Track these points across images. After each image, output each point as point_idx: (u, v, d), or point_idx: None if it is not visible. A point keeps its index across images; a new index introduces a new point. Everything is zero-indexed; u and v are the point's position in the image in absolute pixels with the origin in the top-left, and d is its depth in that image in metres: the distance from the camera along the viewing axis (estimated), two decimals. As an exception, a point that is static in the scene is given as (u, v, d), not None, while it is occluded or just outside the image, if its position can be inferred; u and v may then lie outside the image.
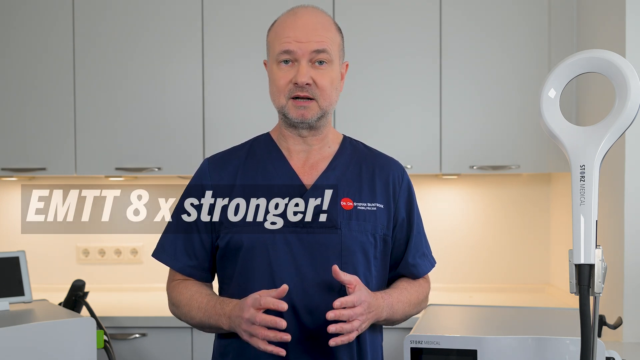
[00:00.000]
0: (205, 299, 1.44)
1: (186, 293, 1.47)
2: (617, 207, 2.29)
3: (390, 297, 1.44)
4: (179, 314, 1.50)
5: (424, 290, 1.56)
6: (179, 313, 1.49)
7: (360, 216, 1.44)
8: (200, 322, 1.44)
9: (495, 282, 3.02)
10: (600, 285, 0.99)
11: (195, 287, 1.48)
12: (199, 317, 1.43)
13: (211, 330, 1.45)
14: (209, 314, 1.41)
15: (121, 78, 2.70)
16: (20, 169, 2.71)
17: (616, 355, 1.17)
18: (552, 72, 1.06)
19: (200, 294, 1.46)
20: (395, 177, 1.52)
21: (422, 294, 1.55)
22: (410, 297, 1.50)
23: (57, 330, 1.52)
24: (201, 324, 1.44)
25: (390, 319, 1.44)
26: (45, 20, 2.71)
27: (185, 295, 1.47)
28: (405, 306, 1.47)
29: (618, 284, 2.27)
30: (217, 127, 2.69)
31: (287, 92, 1.42)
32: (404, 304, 1.47)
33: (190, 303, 1.45)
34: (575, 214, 1.00)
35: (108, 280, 3.01)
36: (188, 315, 1.46)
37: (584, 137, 1.02)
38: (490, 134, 2.68)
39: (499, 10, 2.69)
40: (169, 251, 1.50)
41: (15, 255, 1.72)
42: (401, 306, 1.46)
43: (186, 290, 1.47)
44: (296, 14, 1.44)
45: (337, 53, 1.45)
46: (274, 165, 1.49)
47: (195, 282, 1.50)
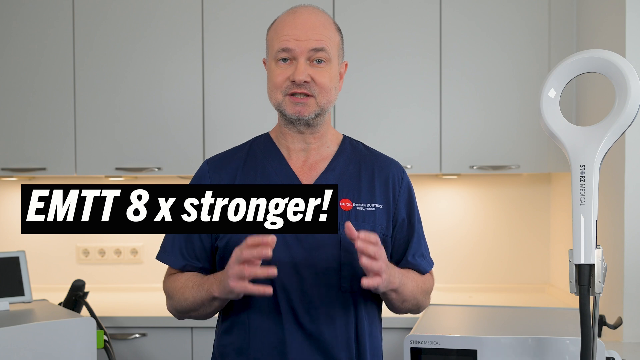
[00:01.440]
0: (199, 277, 1.45)
1: (181, 278, 1.48)
2: (617, 207, 2.29)
3: (399, 269, 1.43)
4: (173, 302, 1.48)
5: (429, 282, 1.56)
6: (174, 301, 1.47)
7: (359, 217, 1.44)
8: (193, 300, 1.42)
9: (495, 282, 3.02)
10: (600, 285, 0.99)
11: (190, 273, 1.49)
12: (192, 295, 1.41)
13: (205, 308, 1.43)
14: (201, 286, 1.40)
15: (121, 78, 2.71)
16: (20, 169, 2.71)
17: (616, 355, 1.17)
18: (552, 72, 1.06)
19: (194, 275, 1.47)
20: (395, 178, 1.52)
21: (427, 284, 1.54)
22: (417, 280, 1.49)
23: (57, 330, 1.52)
24: (194, 301, 1.42)
25: (402, 290, 1.41)
26: (45, 20, 2.71)
27: (180, 280, 1.47)
28: (413, 284, 1.46)
29: (618, 284, 2.27)
30: (217, 127, 2.69)
31: (284, 89, 1.42)
32: (412, 281, 1.46)
33: (185, 284, 1.44)
34: (575, 214, 1.00)
35: (108, 280, 3.01)
36: (182, 298, 1.44)
37: (584, 137, 1.02)
38: (490, 134, 2.68)
39: (499, 11, 2.69)
40: (171, 252, 1.50)
41: (15, 255, 1.72)
42: (410, 282, 1.45)
43: (181, 276, 1.48)
44: (295, 13, 1.44)
45: (335, 52, 1.45)
46: (273, 165, 1.49)
47: (192, 272, 1.51)
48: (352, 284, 1.42)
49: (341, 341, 1.42)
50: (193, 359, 2.45)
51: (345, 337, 1.42)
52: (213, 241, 1.48)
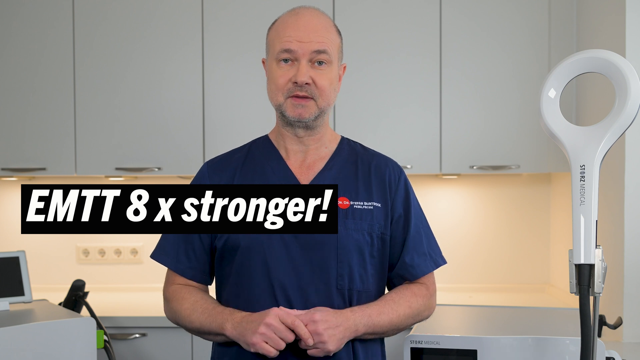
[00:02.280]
0: (212, 304, 1.44)
1: (190, 298, 1.46)
2: (617, 207, 2.29)
3: (367, 309, 1.40)
4: (176, 318, 1.48)
5: (421, 301, 1.48)
6: (177, 318, 1.47)
7: (357, 215, 1.45)
8: (199, 326, 1.42)
9: (495, 282, 3.02)
10: (600, 285, 0.99)
11: (200, 294, 1.48)
12: (200, 321, 1.41)
13: (208, 336, 1.44)
14: (214, 317, 1.40)
15: (121, 78, 2.70)
16: (20, 169, 2.71)
17: (616, 355, 1.17)
18: (552, 72, 1.06)
19: (205, 300, 1.46)
20: (392, 176, 1.52)
21: (418, 303, 1.47)
22: (399, 309, 1.43)
23: (57, 330, 1.52)
24: (200, 328, 1.42)
25: (374, 332, 1.40)
26: (45, 20, 2.71)
27: (188, 301, 1.46)
28: (392, 317, 1.42)
29: (618, 284, 2.27)
30: (217, 127, 2.69)
31: (286, 90, 1.42)
32: (389, 315, 1.42)
33: (194, 307, 1.44)
34: (575, 214, 1.00)
35: (108, 280, 3.01)
36: (187, 320, 1.44)
37: (584, 137, 1.02)
38: (490, 134, 2.68)
39: (499, 10, 2.69)
40: (170, 253, 1.50)
41: (15, 255, 1.72)
42: (385, 318, 1.41)
43: (190, 295, 1.47)
44: (298, 14, 1.45)
45: (336, 55, 1.46)
46: (271, 165, 1.49)
47: (200, 290, 1.51)
48: (349, 282, 1.42)
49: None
50: (193, 359, 2.45)
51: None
52: (212, 241, 1.48)
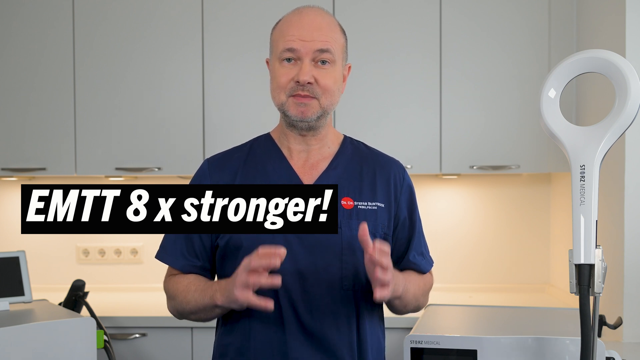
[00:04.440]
0: (203, 281, 1.45)
1: (184, 281, 1.47)
2: (617, 207, 2.29)
3: (401, 274, 1.45)
4: (175, 304, 1.48)
5: (429, 282, 1.58)
6: (175, 302, 1.48)
7: (361, 215, 1.44)
8: (195, 304, 1.42)
9: (495, 282, 3.02)
10: (600, 285, 0.99)
11: (193, 276, 1.49)
12: (195, 299, 1.42)
13: (206, 313, 1.43)
14: (204, 292, 1.40)
15: (121, 78, 2.70)
16: (20, 169, 2.71)
17: (616, 355, 1.17)
18: (552, 72, 1.06)
19: (198, 279, 1.47)
20: (397, 177, 1.52)
21: (427, 284, 1.57)
22: (419, 282, 1.52)
23: (57, 330, 1.51)
24: (196, 306, 1.42)
25: (404, 296, 1.43)
26: (45, 20, 2.71)
27: (183, 283, 1.47)
28: (415, 288, 1.48)
29: (618, 284, 2.27)
30: (217, 127, 2.69)
31: (288, 89, 1.42)
32: (413, 285, 1.48)
33: (188, 287, 1.45)
34: (575, 214, 1.00)
35: (108, 280, 3.01)
36: (184, 301, 1.44)
37: (584, 137, 1.02)
38: (490, 134, 2.68)
39: (499, 11, 2.69)
40: (171, 252, 1.50)
41: (15, 255, 1.72)
42: (412, 287, 1.47)
43: (184, 279, 1.48)
44: (301, 13, 1.44)
45: (340, 54, 1.45)
46: (274, 165, 1.49)
47: (194, 274, 1.51)
48: (354, 283, 1.42)
49: (343, 340, 1.42)
50: (193, 359, 2.45)
51: (347, 336, 1.42)
52: (213, 240, 1.48)
